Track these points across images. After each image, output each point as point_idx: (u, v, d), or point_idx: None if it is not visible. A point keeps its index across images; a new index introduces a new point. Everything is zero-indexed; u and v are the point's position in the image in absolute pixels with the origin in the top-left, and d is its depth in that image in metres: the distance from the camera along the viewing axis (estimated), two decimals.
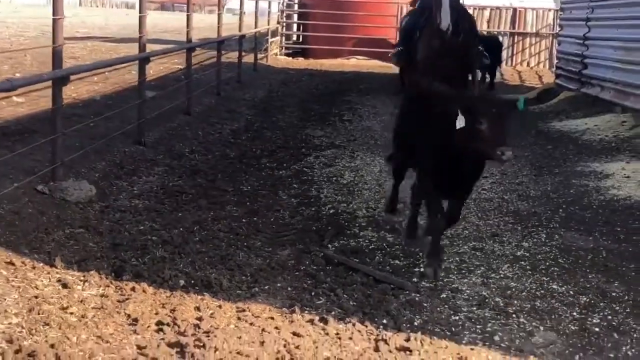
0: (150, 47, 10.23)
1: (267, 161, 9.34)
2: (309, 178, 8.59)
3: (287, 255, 5.91)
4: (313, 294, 5.11)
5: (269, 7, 24.51)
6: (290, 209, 7.26)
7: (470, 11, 24.63)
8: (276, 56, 24.19)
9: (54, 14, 6.77)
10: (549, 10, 24.33)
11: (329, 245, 6.20)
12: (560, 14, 18.66)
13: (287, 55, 25.26)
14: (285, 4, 25.93)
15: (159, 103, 12.25)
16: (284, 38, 25.77)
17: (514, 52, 24.54)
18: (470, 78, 8.88)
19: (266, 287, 5.17)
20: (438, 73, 8.81)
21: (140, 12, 9.15)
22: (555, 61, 19.47)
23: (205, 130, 11.01)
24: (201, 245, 5.95)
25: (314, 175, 8.75)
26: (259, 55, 21.87)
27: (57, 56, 6.80)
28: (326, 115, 13.43)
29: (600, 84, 14.67)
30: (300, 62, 23.66)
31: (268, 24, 23.27)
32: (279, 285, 5.23)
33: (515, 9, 24.76)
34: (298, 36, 27.13)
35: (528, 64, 24.56)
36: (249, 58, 19.69)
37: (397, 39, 10.90)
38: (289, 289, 5.18)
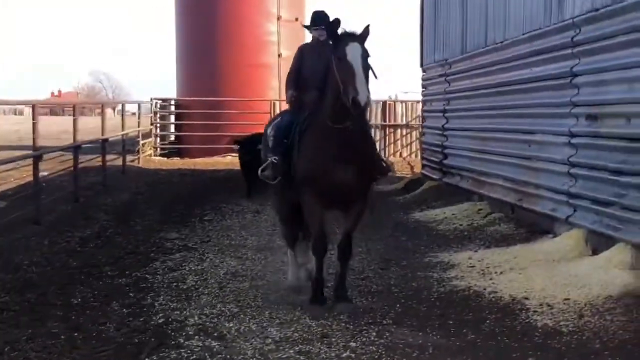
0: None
1: (110, 269, 9.04)
2: (149, 285, 8.32)
3: None
4: None
5: (139, 108, 24.43)
6: (117, 321, 6.96)
7: None
8: (150, 157, 23.97)
9: None
10: (417, 102, 24.97)
11: (147, 359, 5.93)
12: (424, 106, 19.14)
13: (163, 155, 25.09)
14: (158, 105, 25.86)
15: (7, 213, 11.89)
16: (158, 139, 25.61)
17: (386, 144, 25.02)
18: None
19: None
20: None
21: None
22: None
23: (53, 240, 10.63)
24: None
25: (155, 281, 8.49)
26: (131, 157, 21.68)
27: None
28: (187, 216, 13.24)
29: (459, 173, 15.00)
30: (174, 162, 23.50)
31: (138, 126, 23.12)
32: None
33: (384, 102, 25.39)
34: (176, 136, 27.04)
35: (400, 155, 25.06)
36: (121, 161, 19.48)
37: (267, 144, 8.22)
38: None
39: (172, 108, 26.93)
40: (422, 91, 18.81)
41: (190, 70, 25.85)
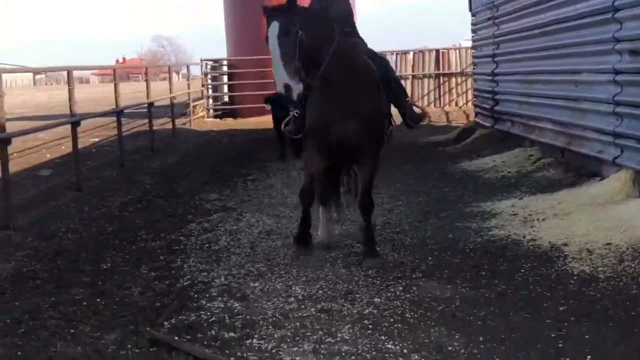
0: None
1: (145, 233, 8.95)
2: (181, 247, 8.21)
3: (113, 339, 5.51)
4: None
5: (188, 70, 24.38)
6: (143, 285, 6.84)
7: (394, 56, 24.82)
8: (203, 119, 23.97)
9: None
10: (472, 49, 24.40)
11: (165, 323, 5.81)
12: (473, 52, 18.65)
13: (217, 117, 25.05)
14: (209, 67, 25.76)
15: (51, 181, 11.95)
16: (210, 100, 25.56)
17: (441, 93, 24.54)
18: None
19: None
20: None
21: None
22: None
23: (93, 206, 10.62)
24: (20, 338, 5.52)
25: (188, 243, 8.37)
26: (184, 120, 21.71)
27: None
28: (232, 176, 13.13)
29: (510, 119, 14.57)
30: (226, 123, 23.45)
31: (188, 88, 23.10)
32: None
33: (438, 51, 24.84)
34: (229, 97, 26.95)
35: (456, 104, 24.56)
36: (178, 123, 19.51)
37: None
38: None
39: (225, 69, 26.78)
40: (472, 36, 18.34)
41: (239, 29, 25.61)
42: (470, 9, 18.09)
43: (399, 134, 9.67)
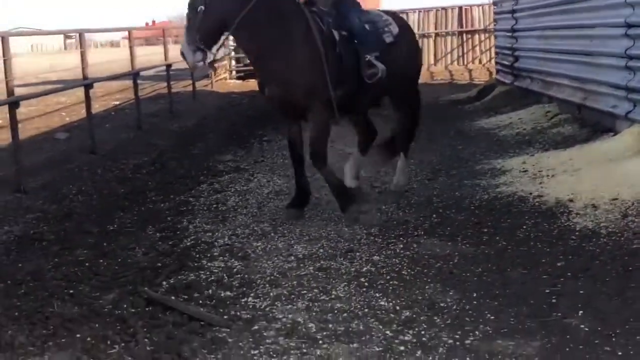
0: None
1: (155, 194, 8.98)
2: (189, 208, 8.23)
3: (111, 299, 5.55)
4: (110, 342, 4.74)
5: None
6: (147, 246, 6.87)
7: (416, 14, 24.57)
8: (225, 81, 23.93)
9: None
10: (493, 5, 24.06)
11: (164, 282, 5.84)
12: (494, 8, 18.42)
13: (239, 78, 24.99)
14: None
15: (67, 144, 12.03)
16: (233, 62, 25.49)
17: (465, 51, 24.27)
18: None
19: (63, 340, 4.80)
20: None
21: (4, 56, 8.86)
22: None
23: (107, 168, 10.67)
24: (20, 299, 5.59)
25: (197, 204, 8.39)
26: (206, 82, 21.71)
27: None
28: (248, 137, 13.11)
29: (530, 75, 14.43)
30: (248, 85, 23.34)
31: None
32: (78, 336, 4.86)
33: (461, 8, 24.52)
34: None
35: (480, 61, 24.28)
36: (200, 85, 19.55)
37: None
38: (88, 339, 4.80)
39: None
40: None
41: None
42: None
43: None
